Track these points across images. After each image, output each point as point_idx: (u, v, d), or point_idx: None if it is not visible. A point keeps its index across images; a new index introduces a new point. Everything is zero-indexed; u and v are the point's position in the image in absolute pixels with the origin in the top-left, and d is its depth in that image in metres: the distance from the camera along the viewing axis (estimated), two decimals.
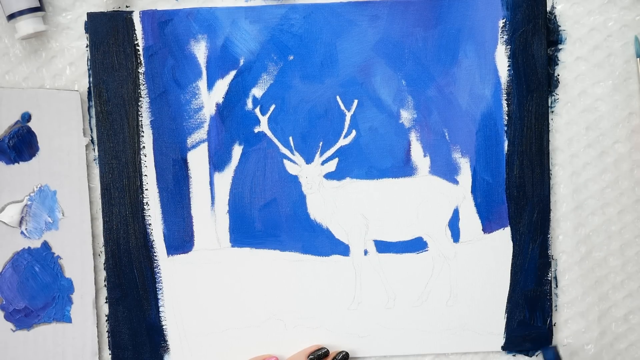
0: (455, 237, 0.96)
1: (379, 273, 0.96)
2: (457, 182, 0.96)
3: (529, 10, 0.95)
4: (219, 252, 0.96)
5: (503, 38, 0.95)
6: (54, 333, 0.95)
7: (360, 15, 0.95)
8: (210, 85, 0.95)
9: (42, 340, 0.95)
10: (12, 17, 0.91)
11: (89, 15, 0.94)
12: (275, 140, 0.95)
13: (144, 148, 0.95)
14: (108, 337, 0.96)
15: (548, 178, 0.96)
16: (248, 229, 0.96)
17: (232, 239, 0.96)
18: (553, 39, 0.96)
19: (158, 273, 0.96)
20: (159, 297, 0.96)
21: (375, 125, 0.95)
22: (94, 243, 0.96)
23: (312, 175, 0.96)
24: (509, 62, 0.95)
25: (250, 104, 0.95)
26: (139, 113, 0.95)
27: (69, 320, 0.95)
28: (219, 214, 0.96)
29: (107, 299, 0.96)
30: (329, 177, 0.96)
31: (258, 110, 0.95)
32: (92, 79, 0.94)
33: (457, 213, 0.96)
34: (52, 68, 0.94)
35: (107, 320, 0.96)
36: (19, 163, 0.94)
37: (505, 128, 0.96)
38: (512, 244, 0.96)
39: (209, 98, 0.95)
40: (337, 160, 0.96)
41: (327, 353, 0.95)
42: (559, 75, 0.96)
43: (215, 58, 0.95)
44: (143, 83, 0.94)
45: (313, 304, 0.96)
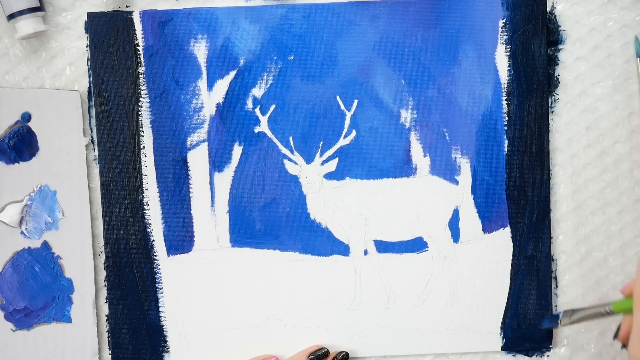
0: (455, 237, 0.96)
1: (379, 273, 0.96)
2: (457, 182, 0.96)
3: (529, 10, 0.95)
4: (219, 252, 0.96)
5: (503, 38, 0.95)
6: (54, 333, 0.95)
7: (360, 15, 0.94)
8: (211, 85, 0.95)
9: (42, 340, 0.95)
10: (12, 17, 0.91)
11: (89, 15, 0.94)
12: (275, 140, 0.95)
13: (144, 148, 0.95)
14: (108, 337, 0.96)
15: (548, 178, 0.96)
16: (248, 229, 0.96)
17: (232, 239, 0.96)
18: (553, 39, 0.96)
19: (158, 273, 0.96)
20: (159, 297, 0.96)
21: (375, 125, 0.95)
22: (94, 243, 0.96)
23: (312, 175, 0.95)
24: (509, 62, 0.95)
25: (251, 104, 0.95)
26: (139, 113, 0.95)
27: (69, 320, 0.95)
28: (219, 214, 0.96)
29: (107, 299, 0.96)
30: (329, 177, 0.96)
31: (258, 110, 0.95)
32: (92, 79, 0.94)
33: (457, 213, 0.96)
34: (52, 68, 0.94)
35: (107, 320, 0.96)
36: (19, 163, 0.94)
37: (505, 128, 0.96)
38: (512, 244, 0.96)
39: (209, 98, 0.95)
40: (337, 160, 0.96)
41: (327, 353, 0.95)
42: (559, 75, 0.96)
43: (215, 58, 0.94)
44: (143, 83, 0.94)
45: (313, 304, 0.96)
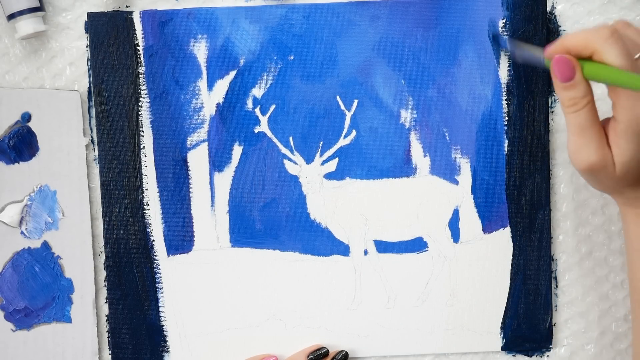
0: (455, 237, 0.96)
1: (379, 273, 0.96)
2: (457, 182, 0.96)
3: (529, 10, 0.95)
4: (219, 252, 0.96)
5: (503, 38, 0.95)
6: (54, 333, 0.95)
7: (360, 15, 0.94)
8: (211, 85, 0.95)
9: (42, 340, 0.95)
10: (12, 17, 0.91)
11: (89, 15, 0.94)
12: (275, 140, 0.95)
13: (144, 148, 0.95)
14: (108, 337, 0.96)
15: (548, 178, 0.96)
16: (248, 229, 0.96)
17: (232, 239, 0.96)
18: (553, 39, 0.95)
19: (158, 273, 0.96)
20: (159, 297, 0.96)
21: (375, 125, 0.95)
22: (94, 243, 0.96)
23: (312, 175, 0.95)
24: (509, 62, 0.95)
25: (251, 104, 0.95)
26: (139, 113, 0.95)
27: (69, 320, 0.95)
28: (219, 214, 0.96)
29: (107, 299, 0.96)
30: (329, 177, 0.96)
31: (258, 110, 0.95)
32: (92, 79, 0.94)
33: (457, 213, 0.96)
34: (52, 68, 0.94)
35: (107, 320, 0.96)
36: (19, 163, 0.94)
37: (505, 128, 0.96)
38: (512, 244, 0.96)
39: (209, 98, 0.95)
40: (337, 160, 0.96)
41: (327, 353, 0.95)
42: None
43: (216, 58, 0.94)
44: (143, 83, 0.94)
45: (313, 304, 0.96)
